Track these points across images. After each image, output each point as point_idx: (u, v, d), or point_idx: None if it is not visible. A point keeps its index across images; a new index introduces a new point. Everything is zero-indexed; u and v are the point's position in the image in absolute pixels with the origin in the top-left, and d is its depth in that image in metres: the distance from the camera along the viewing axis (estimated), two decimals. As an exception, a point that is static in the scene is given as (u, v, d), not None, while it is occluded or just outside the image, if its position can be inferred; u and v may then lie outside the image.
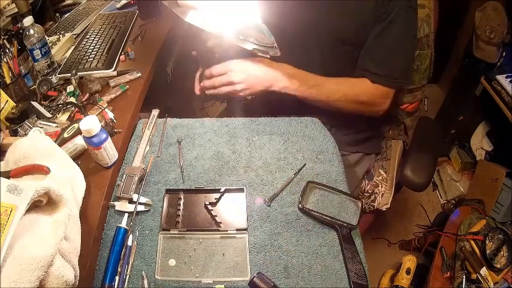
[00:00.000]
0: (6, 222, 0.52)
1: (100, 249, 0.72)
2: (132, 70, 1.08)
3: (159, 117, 0.97)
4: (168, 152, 0.90)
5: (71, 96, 1.00)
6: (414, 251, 1.63)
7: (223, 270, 0.70)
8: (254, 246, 0.73)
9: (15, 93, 0.99)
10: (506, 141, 1.63)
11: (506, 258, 1.22)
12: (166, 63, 1.44)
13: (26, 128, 0.89)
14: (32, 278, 0.51)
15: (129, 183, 0.79)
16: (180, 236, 0.74)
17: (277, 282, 0.67)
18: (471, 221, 1.35)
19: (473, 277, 1.21)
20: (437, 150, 1.15)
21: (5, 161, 0.72)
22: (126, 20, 1.34)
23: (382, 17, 0.90)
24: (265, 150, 0.91)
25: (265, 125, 0.96)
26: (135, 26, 1.33)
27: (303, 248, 0.73)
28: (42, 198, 0.58)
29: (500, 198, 1.59)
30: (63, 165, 0.74)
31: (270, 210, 0.79)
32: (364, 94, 0.97)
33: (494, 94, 1.43)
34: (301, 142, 0.92)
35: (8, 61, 0.97)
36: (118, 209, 0.77)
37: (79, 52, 1.17)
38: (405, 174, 1.00)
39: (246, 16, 0.84)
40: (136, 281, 0.68)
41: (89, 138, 0.75)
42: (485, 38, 1.42)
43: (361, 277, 0.69)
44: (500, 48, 1.43)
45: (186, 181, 0.84)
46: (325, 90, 0.96)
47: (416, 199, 1.94)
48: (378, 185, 1.19)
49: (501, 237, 1.25)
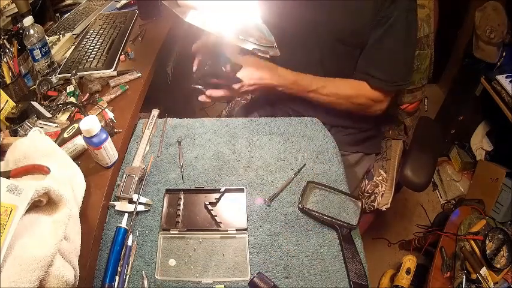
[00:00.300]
0: (6, 222, 0.52)
1: (100, 249, 0.72)
2: (132, 70, 1.08)
3: (159, 117, 0.97)
4: (168, 152, 0.90)
5: (71, 96, 1.00)
6: (414, 251, 1.63)
7: (223, 270, 0.70)
8: (254, 246, 0.73)
9: (15, 93, 0.99)
10: (506, 141, 1.63)
11: (506, 258, 1.22)
12: (166, 63, 1.44)
13: (26, 128, 0.89)
14: (32, 278, 0.51)
15: (129, 183, 0.79)
16: (180, 236, 0.74)
17: (277, 282, 0.67)
18: (471, 221, 1.35)
19: (473, 277, 1.21)
20: (437, 150, 1.15)
21: (5, 161, 0.72)
22: (126, 20, 1.34)
23: (382, 20, 0.90)
24: (265, 150, 0.91)
25: (265, 125, 0.96)
26: (135, 26, 1.33)
27: (303, 248, 0.73)
28: (42, 198, 0.58)
29: (500, 198, 1.59)
30: (63, 165, 0.74)
31: (270, 210, 0.79)
32: (362, 96, 0.98)
33: (494, 94, 1.43)
34: (301, 142, 0.92)
35: (8, 61, 0.97)
36: (118, 209, 0.77)
37: (79, 52, 1.17)
38: (405, 174, 1.00)
39: (246, 16, 0.84)
40: (136, 281, 0.68)
41: (89, 138, 0.75)
42: (485, 38, 1.42)
43: (361, 277, 0.69)
44: (500, 48, 1.43)
45: (186, 181, 0.84)
46: (324, 93, 0.97)
47: (416, 199, 1.94)
48: (378, 185, 1.19)
49: (501, 237, 1.25)
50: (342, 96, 0.98)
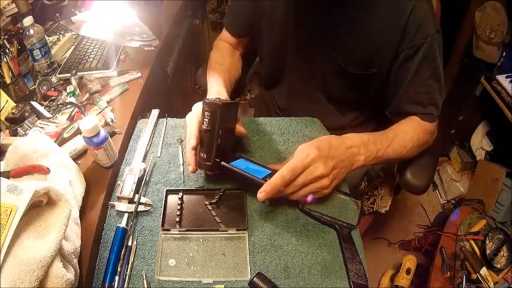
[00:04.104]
0: (6, 223, 0.52)
1: (100, 249, 0.72)
2: (132, 70, 1.08)
3: (159, 117, 0.97)
4: (168, 152, 0.90)
5: (71, 96, 1.00)
6: (414, 251, 1.63)
7: (223, 270, 0.70)
8: (254, 246, 0.73)
9: (15, 93, 0.99)
10: (506, 141, 1.63)
11: (506, 258, 1.22)
12: (166, 63, 1.44)
13: (26, 128, 0.89)
14: (32, 278, 0.51)
15: (129, 183, 0.79)
16: (180, 236, 0.74)
17: (277, 282, 0.67)
18: (471, 221, 1.35)
19: (473, 277, 1.21)
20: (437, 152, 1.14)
21: (5, 161, 0.72)
22: (126, 20, 1.34)
23: (410, 52, 0.82)
24: (265, 150, 0.90)
25: (265, 125, 0.96)
26: (135, 26, 1.33)
27: (303, 248, 0.73)
28: (42, 198, 0.58)
29: (500, 198, 1.59)
30: (63, 165, 0.74)
31: (270, 210, 0.79)
32: (422, 134, 0.91)
33: (494, 94, 1.43)
34: (301, 142, 0.92)
35: (8, 61, 0.97)
36: (118, 209, 0.77)
37: (79, 52, 1.17)
38: (405, 177, 0.98)
39: (125, 17, 0.86)
40: (136, 281, 0.68)
41: (89, 138, 0.75)
42: (485, 38, 1.42)
43: (361, 277, 0.69)
44: (500, 48, 1.44)
45: (186, 181, 0.84)
46: (390, 152, 0.85)
47: (416, 199, 1.94)
48: (377, 187, 1.19)
49: (501, 237, 1.25)
50: (409, 146, 0.88)
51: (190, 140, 0.74)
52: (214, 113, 0.71)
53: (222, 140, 0.73)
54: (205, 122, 0.72)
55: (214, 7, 1.92)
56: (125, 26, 0.92)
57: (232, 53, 1.10)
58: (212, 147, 0.73)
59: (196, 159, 0.75)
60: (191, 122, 0.76)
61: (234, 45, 1.12)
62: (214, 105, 0.71)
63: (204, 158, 0.74)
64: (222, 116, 0.72)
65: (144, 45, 0.89)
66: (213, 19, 1.96)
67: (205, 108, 0.72)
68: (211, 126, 0.72)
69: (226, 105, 0.75)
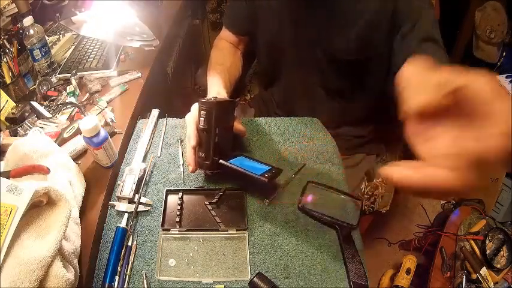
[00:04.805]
0: (6, 223, 0.52)
1: (100, 249, 0.72)
2: (132, 70, 1.08)
3: (159, 117, 0.97)
4: (168, 152, 0.90)
5: (71, 96, 1.00)
6: (414, 251, 1.63)
7: (223, 270, 0.70)
8: (254, 246, 0.73)
9: (15, 93, 0.99)
10: (506, 141, 1.63)
11: (506, 258, 1.22)
12: (166, 63, 1.44)
13: (26, 128, 0.89)
14: (32, 278, 0.51)
15: (129, 183, 0.79)
16: (180, 236, 0.74)
17: (277, 282, 0.67)
18: (471, 221, 1.35)
19: (473, 277, 1.21)
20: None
21: (5, 161, 0.72)
22: (126, 20, 1.34)
23: (402, 16, 0.82)
24: (265, 150, 0.90)
25: (265, 125, 0.96)
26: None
27: (303, 248, 0.73)
28: (42, 198, 0.58)
29: (500, 198, 1.59)
30: (63, 165, 0.74)
31: (270, 210, 0.79)
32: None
33: (494, 94, 1.43)
34: (301, 142, 0.92)
35: (8, 61, 0.97)
36: (118, 209, 0.77)
37: (79, 52, 1.17)
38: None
39: (125, 18, 0.85)
40: (136, 281, 0.68)
41: (89, 138, 0.75)
42: (485, 38, 1.42)
43: (361, 277, 0.69)
44: (500, 48, 1.44)
45: (186, 181, 0.84)
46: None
47: (416, 199, 1.94)
48: (377, 186, 1.19)
49: (501, 237, 1.26)
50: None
51: (190, 139, 0.75)
52: (210, 111, 0.71)
53: (220, 139, 0.73)
54: (202, 120, 0.72)
55: (214, 7, 1.92)
56: (125, 26, 0.92)
57: (233, 53, 1.10)
58: (210, 146, 0.73)
59: (196, 159, 0.76)
60: (190, 122, 0.77)
61: (235, 44, 1.11)
62: (209, 104, 0.72)
63: (202, 157, 0.74)
64: (218, 114, 0.72)
65: (144, 45, 0.89)
66: (213, 19, 1.96)
67: (201, 107, 0.72)
68: (207, 125, 0.72)
69: (222, 103, 0.75)
